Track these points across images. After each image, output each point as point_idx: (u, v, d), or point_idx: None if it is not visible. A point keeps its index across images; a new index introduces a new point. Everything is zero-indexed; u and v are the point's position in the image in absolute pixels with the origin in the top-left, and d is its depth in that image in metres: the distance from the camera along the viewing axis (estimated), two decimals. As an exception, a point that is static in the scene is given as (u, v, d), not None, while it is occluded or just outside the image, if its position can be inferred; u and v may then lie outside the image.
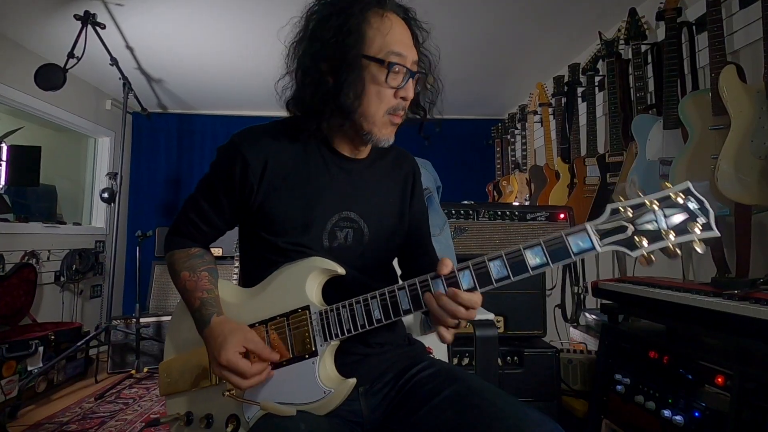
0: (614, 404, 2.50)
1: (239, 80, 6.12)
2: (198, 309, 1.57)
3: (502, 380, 2.89)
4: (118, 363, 5.34)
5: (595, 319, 3.70)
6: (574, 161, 4.48)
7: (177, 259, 1.69)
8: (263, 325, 1.54)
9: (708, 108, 2.85)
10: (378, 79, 1.49)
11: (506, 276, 1.34)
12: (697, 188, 1.23)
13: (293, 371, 1.49)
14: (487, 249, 3.11)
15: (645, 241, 1.23)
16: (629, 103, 3.88)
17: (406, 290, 1.41)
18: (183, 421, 1.63)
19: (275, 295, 1.56)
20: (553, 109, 5.16)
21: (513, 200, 5.86)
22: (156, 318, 5.54)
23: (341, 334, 1.46)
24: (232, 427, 1.52)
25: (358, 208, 1.63)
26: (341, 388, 1.45)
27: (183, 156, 7.30)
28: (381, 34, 1.49)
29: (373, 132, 1.55)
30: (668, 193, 1.25)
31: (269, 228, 1.57)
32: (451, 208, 3.14)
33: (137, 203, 7.18)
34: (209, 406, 1.60)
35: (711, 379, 2.00)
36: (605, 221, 1.28)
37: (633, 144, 3.52)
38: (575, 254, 1.28)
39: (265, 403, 1.46)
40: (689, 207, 1.22)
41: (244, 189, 1.56)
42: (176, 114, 7.34)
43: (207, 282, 1.62)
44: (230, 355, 1.42)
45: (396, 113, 1.55)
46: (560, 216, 3.17)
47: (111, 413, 4.11)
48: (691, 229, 1.21)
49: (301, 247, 1.55)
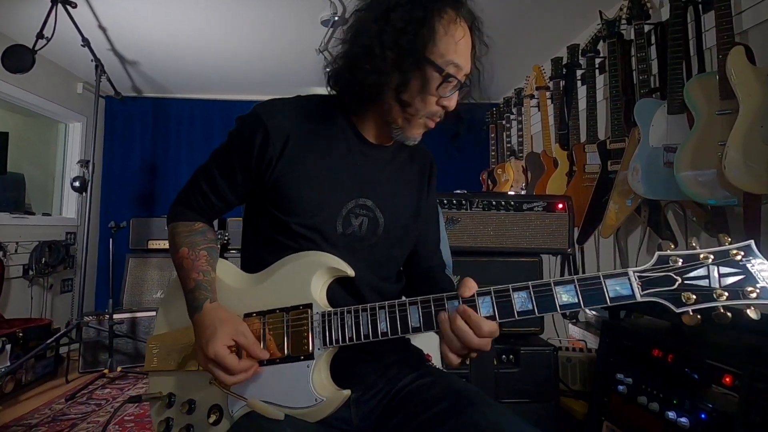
0: (615, 405, 2.50)
1: (219, 62, 6.09)
2: (191, 290, 1.58)
3: (497, 380, 2.89)
4: (90, 362, 5.31)
5: (595, 315, 3.71)
6: (573, 148, 4.47)
7: (179, 231, 1.70)
8: (260, 317, 1.54)
9: (715, 91, 2.85)
10: (430, 84, 1.51)
11: (530, 310, 1.30)
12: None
13: (285, 371, 1.48)
14: (481, 241, 3.11)
15: (693, 299, 1.19)
16: (631, 87, 3.86)
17: (418, 306, 1.41)
18: (165, 402, 1.64)
19: (277, 287, 1.55)
20: (551, 93, 5.14)
21: (508, 189, 5.85)
22: (130, 314, 5.51)
23: (342, 341, 1.45)
24: (214, 418, 1.52)
25: (376, 197, 1.65)
26: (334, 398, 1.43)
27: (159, 142, 7.27)
28: (448, 41, 1.51)
29: (405, 130, 1.60)
30: (726, 248, 1.21)
31: (282, 206, 1.57)
32: (442, 198, 3.11)
33: (110, 193, 7.15)
34: (193, 392, 1.61)
35: (718, 379, 1.99)
36: (651, 269, 1.24)
37: (635, 130, 3.50)
38: (611, 300, 1.24)
39: (253, 401, 1.46)
40: (748, 268, 1.18)
41: (261, 162, 1.56)
42: (151, 98, 7.30)
43: (205, 262, 1.62)
44: (218, 348, 1.42)
45: (432, 117, 1.60)
46: (558, 206, 3.16)
47: (82, 415, 4.08)
48: (747, 293, 1.16)
49: (313, 231, 1.57)
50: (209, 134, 7.21)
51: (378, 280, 1.66)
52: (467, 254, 3.08)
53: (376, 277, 1.66)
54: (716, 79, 2.84)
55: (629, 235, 4.04)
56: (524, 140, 5.76)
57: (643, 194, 3.32)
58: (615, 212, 3.66)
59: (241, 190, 1.66)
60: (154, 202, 7.13)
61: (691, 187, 2.88)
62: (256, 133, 1.56)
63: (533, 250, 3.14)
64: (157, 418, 1.64)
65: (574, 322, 3.94)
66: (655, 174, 3.20)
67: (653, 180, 3.22)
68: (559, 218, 3.14)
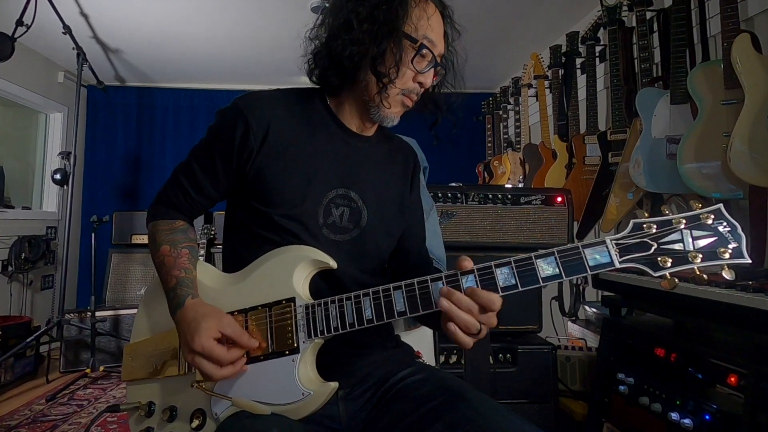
0: (616, 406, 2.51)
1: (206, 50, 6.08)
2: (173, 288, 1.58)
3: (493, 380, 2.88)
4: (71, 361, 5.31)
5: (595, 312, 3.71)
6: (573, 139, 4.47)
7: (160, 230, 1.70)
8: (242, 314, 1.54)
9: (720, 81, 2.84)
10: (405, 55, 1.59)
11: (514, 285, 1.34)
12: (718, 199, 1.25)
13: (270, 367, 1.48)
14: (477, 235, 3.12)
15: (669, 262, 1.26)
16: (633, 76, 3.85)
17: (403, 290, 1.42)
18: (144, 411, 1.63)
19: (258, 284, 1.56)
20: (550, 82, 5.15)
21: (505, 182, 5.88)
22: (113, 312, 5.51)
23: (327, 331, 1.46)
24: (197, 423, 1.51)
25: (358, 188, 1.69)
26: (321, 391, 1.43)
27: (143, 133, 7.26)
28: (420, 15, 1.61)
29: (382, 108, 1.64)
30: (697, 213, 1.28)
31: (263, 198, 1.60)
32: (437, 191, 3.11)
33: (93, 186, 7.14)
34: (174, 398, 1.60)
35: (723, 379, 2.01)
36: (627, 236, 1.30)
37: (637, 120, 3.50)
38: (591, 268, 1.30)
39: (238, 399, 1.46)
40: (719, 230, 1.25)
41: (242, 154, 1.60)
42: (135, 87, 7.29)
43: (186, 260, 1.63)
44: (204, 340, 1.42)
45: (409, 95, 1.65)
46: (557, 199, 3.16)
47: (64, 416, 4.08)
48: (720, 254, 1.23)
49: (295, 222, 1.59)
50: (194, 125, 7.20)
51: (361, 273, 1.68)
52: (462, 249, 3.06)
53: (359, 270, 1.67)
54: (721, 67, 2.84)
55: (630, 229, 4.03)
56: (522, 131, 5.76)
57: (645, 187, 3.32)
58: (616, 206, 3.66)
59: (222, 184, 1.68)
60: (138, 196, 7.11)
61: (695, 180, 2.88)
62: (236, 124, 1.59)
63: (531, 245, 3.12)
64: (137, 428, 1.64)
65: (573, 319, 3.94)
66: (658, 166, 3.20)
67: (656, 172, 3.23)
68: (558, 212, 3.14)
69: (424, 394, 1.53)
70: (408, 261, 1.87)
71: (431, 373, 1.65)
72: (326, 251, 1.55)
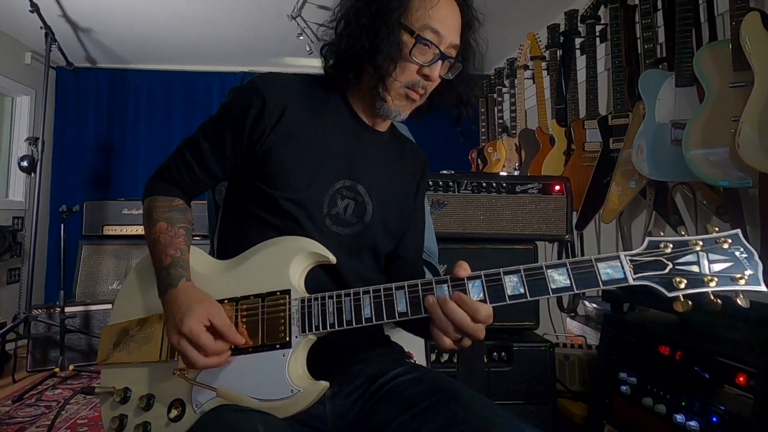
0: (618, 407, 2.52)
1: (183, 29, 6.07)
2: (167, 267, 1.59)
3: (488, 380, 2.87)
4: (39, 360, 5.25)
5: (595, 308, 3.72)
6: (572, 124, 4.47)
7: (158, 206, 1.72)
8: (233, 303, 1.55)
9: (728, 62, 2.84)
10: (403, 48, 1.61)
11: (522, 294, 1.37)
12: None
13: (259, 361, 1.49)
14: (469, 226, 3.12)
15: (683, 283, 1.28)
16: (636, 57, 3.83)
17: (405, 290, 1.44)
18: (119, 397, 1.61)
19: (252, 273, 1.58)
20: (547, 64, 5.17)
21: (500, 170, 5.90)
22: (84, 307, 5.46)
23: (323, 327, 1.47)
24: (175, 413, 1.51)
25: (366, 182, 1.73)
26: (311, 390, 1.44)
27: (115, 118, 7.25)
28: (424, 7, 1.62)
29: (387, 101, 1.67)
30: (715, 236, 1.31)
31: (269, 179, 1.63)
32: (428, 179, 3.06)
33: (62, 173, 7.12)
34: (152, 386, 1.59)
35: (731, 379, 2.02)
36: (642, 253, 1.33)
37: (640, 104, 3.50)
38: (604, 283, 1.32)
39: (223, 390, 1.47)
40: (736, 255, 1.28)
41: (254, 131, 1.63)
42: (107, 69, 7.29)
43: (182, 241, 1.65)
44: (193, 323, 1.42)
45: (414, 89, 1.66)
46: (555, 188, 3.16)
47: (31, 418, 4.05)
48: (735, 279, 1.25)
49: (299, 207, 1.62)
50: (170, 109, 7.20)
51: (362, 268, 1.71)
52: (455, 241, 3.09)
53: (360, 265, 1.71)
54: (729, 48, 2.84)
55: (633, 220, 4.05)
56: (517, 115, 5.78)
57: (648, 175, 3.32)
58: (617, 195, 3.66)
59: (228, 162, 1.71)
60: (110, 184, 7.11)
61: (702, 167, 2.88)
62: (252, 102, 1.63)
63: (528, 237, 3.15)
64: (110, 415, 1.62)
65: (572, 315, 3.94)
66: (662, 153, 3.20)
67: (660, 159, 3.22)
68: (556, 201, 3.15)
69: (416, 394, 1.53)
70: (400, 268, 1.87)
71: (423, 372, 1.65)
72: (326, 243, 1.57)
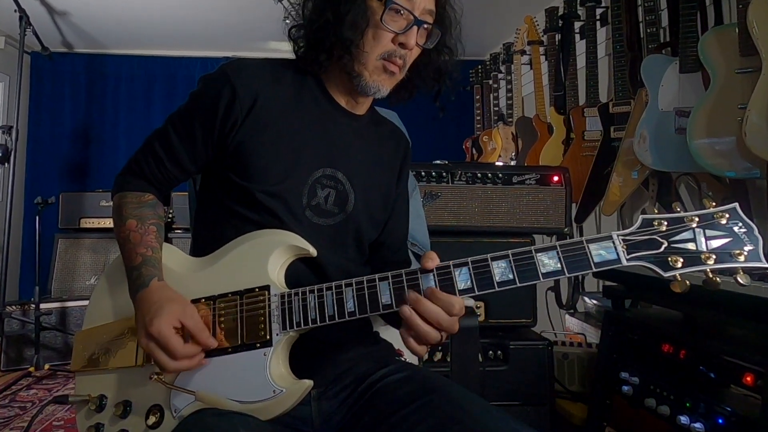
0: (619, 409, 2.53)
1: (163, 12, 6.08)
2: (137, 267, 1.58)
3: (483, 379, 2.86)
4: (13, 359, 5.25)
5: (596, 304, 3.72)
6: (571, 112, 4.49)
7: (127, 202, 1.70)
8: (210, 302, 1.54)
9: (734, 47, 2.84)
10: (376, 17, 1.58)
11: (511, 280, 1.35)
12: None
13: (239, 361, 1.48)
14: (464, 219, 3.12)
15: (680, 262, 1.27)
16: (638, 41, 3.84)
17: (389, 282, 1.42)
18: (94, 405, 1.61)
19: (229, 269, 1.57)
20: (546, 49, 5.21)
21: (496, 160, 5.93)
22: (60, 303, 5.45)
23: (304, 323, 1.45)
24: (154, 420, 1.50)
25: (346, 169, 1.71)
26: (294, 390, 1.42)
27: (93, 105, 7.28)
28: None
29: (364, 75, 1.64)
30: (711, 211, 1.29)
31: (244, 172, 1.61)
32: (420, 170, 3.11)
33: (37, 163, 7.16)
34: (129, 392, 1.58)
35: (738, 378, 2.01)
36: (635, 232, 1.32)
37: (642, 91, 3.51)
38: (596, 265, 1.31)
39: (202, 393, 1.45)
40: (734, 231, 1.26)
41: (226, 122, 1.61)
42: (84, 54, 7.33)
43: (154, 239, 1.64)
44: (163, 325, 1.41)
45: (391, 59, 1.62)
46: (554, 179, 3.17)
47: (5, 420, 4.03)
48: (734, 256, 1.24)
49: (277, 200, 1.59)
50: (150, 95, 7.24)
51: (345, 261, 1.70)
52: (448, 234, 3.09)
53: (342, 258, 1.69)
54: (736, 32, 2.84)
55: (635, 212, 4.06)
56: (514, 103, 5.80)
57: (651, 165, 3.34)
58: (619, 186, 3.67)
59: (200, 156, 1.68)
60: (88, 175, 7.13)
61: (707, 157, 2.88)
62: (222, 91, 1.60)
63: (524, 230, 3.16)
64: (85, 424, 1.62)
65: (571, 312, 3.95)
66: (666, 142, 3.21)
67: (663, 149, 3.23)
68: (555, 193, 3.15)
69: (406, 393, 1.52)
70: (385, 257, 1.88)
71: (414, 371, 1.64)
72: (307, 236, 1.55)
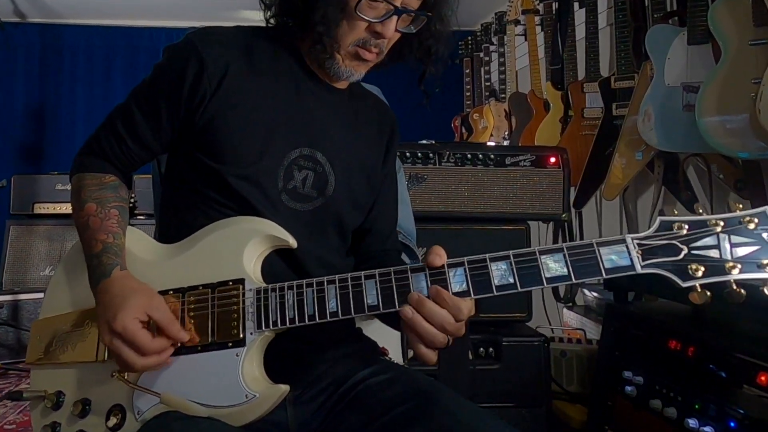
0: (622, 411, 2.54)
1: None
2: (97, 255, 1.56)
3: (473, 379, 2.86)
4: (-39, 357, 5.22)
5: (596, 297, 3.73)
6: (569, 87, 4.48)
7: (87, 184, 1.68)
8: (179, 295, 1.52)
9: (747, 16, 2.83)
10: (347, 5, 1.56)
11: (511, 285, 1.32)
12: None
13: (209, 361, 1.46)
14: (452, 203, 3.13)
15: (701, 271, 1.22)
16: (642, 10, 3.83)
17: (376, 280, 1.41)
18: (51, 402, 1.60)
19: (201, 259, 1.56)
20: (542, 18, 5.18)
21: (487, 139, 5.93)
22: (12, 296, 5.42)
23: (281, 323, 1.44)
24: (115, 421, 1.49)
25: (326, 149, 1.70)
26: (269, 395, 1.41)
27: (48, 80, 7.34)
28: None
29: (335, 59, 1.64)
30: (738, 215, 1.24)
31: (213, 152, 1.60)
32: (405, 150, 3.09)
33: (-14, 144, 7.15)
34: (88, 389, 1.57)
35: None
36: (652, 235, 1.28)
37: (647, 64, 3.50)
38: (607, 271, 1.28)
39: (168, 395, 1.43)
40: (763, 237, 1.21)
41: (193, 97, 1.59)
42: (39, 24, 7.37)
43: (115, 224, 1.62)
44: (128, 320, 1.39)
45: (366, 47, 1.63)
46: (550, 160, 3.18)
47: (-48, 424, 4.02)
48: (763, 266, 1.19)
49: (251, 184, 1.59)
50: (110, 69, 7.30)
51: (325, 251, 1.69)
52: (435, 221, 3.09)
53: (322, 248, 1.69)
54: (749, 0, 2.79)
55: (639, 197, 4.06)
56: (507, 78, 5.82)
57: (656, 146, 3.34)
58: (621, 168, 3.67)
59: (165, 133, 1.67)
60: (42, 155, 7.18)
61: (717, 136, 2.87)
62: (188, 63, 1.59)
63: (519, 216, 3.17)
64: (41, 423, 1.61)
65: (570, 306, 3.94)
66: (672, 120, 3.21)
67: (670, 127, 3.23)
68: (551, 175, 3.16)
69: (391, 397, 1.52)
70: (371, 246, 1.88)
71: (399, 372, 1.65)
72: (283, 222, 1.54)
